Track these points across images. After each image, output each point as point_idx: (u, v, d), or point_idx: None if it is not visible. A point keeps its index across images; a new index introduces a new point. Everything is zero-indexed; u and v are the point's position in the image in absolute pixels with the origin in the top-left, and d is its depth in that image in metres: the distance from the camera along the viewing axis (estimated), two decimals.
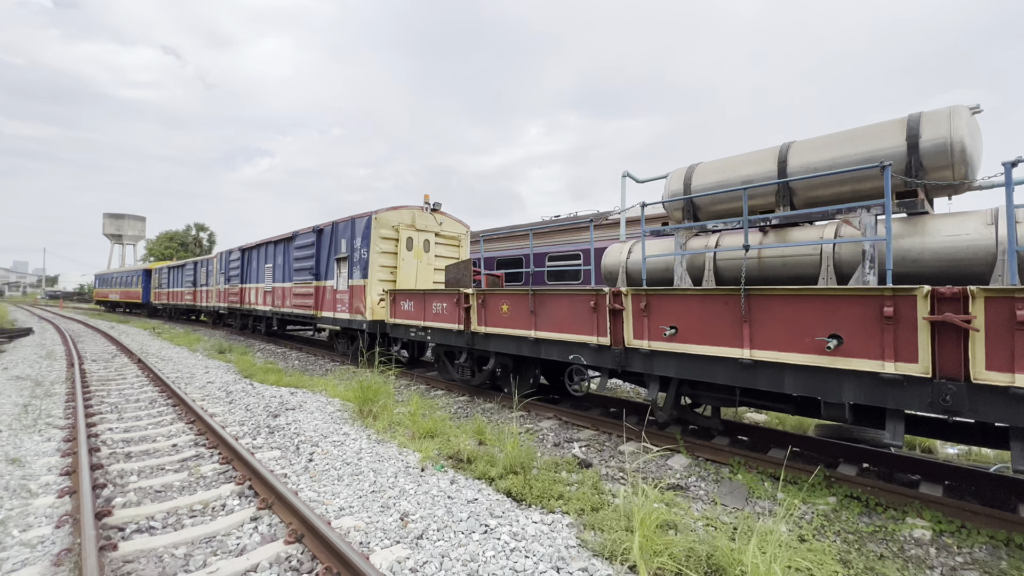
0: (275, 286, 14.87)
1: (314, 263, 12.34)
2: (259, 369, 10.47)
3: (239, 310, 18.24)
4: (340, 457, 5.07)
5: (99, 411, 6.96)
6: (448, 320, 7.97)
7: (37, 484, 4.32)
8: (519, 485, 4.54)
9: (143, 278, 32.79)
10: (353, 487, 4.35)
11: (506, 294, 6.87)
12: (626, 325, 5.34)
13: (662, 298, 5.00)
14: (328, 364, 11.95)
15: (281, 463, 5.02)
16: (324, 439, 5.62)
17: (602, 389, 5.90)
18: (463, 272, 8.86)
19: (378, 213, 10.28)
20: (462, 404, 7.91)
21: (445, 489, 4.35)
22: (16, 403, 7.12)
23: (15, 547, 3.28)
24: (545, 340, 6.32)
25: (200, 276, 23.33)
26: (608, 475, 5.09)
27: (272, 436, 5.84)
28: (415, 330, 8.80)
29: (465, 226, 12.07)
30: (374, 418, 6.59)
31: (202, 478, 4.63)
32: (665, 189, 6.27)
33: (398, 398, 8.04)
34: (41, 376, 9.62)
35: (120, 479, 4.53)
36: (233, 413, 6.97)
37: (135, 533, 3.57)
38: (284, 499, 3.87)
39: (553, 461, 5.23)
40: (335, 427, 6.11)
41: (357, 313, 10.48)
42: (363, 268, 10.30)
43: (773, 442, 5.91)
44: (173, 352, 13.55)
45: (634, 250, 6.51)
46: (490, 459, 5.14)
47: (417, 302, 8.74)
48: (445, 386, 9.01)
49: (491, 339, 7.18)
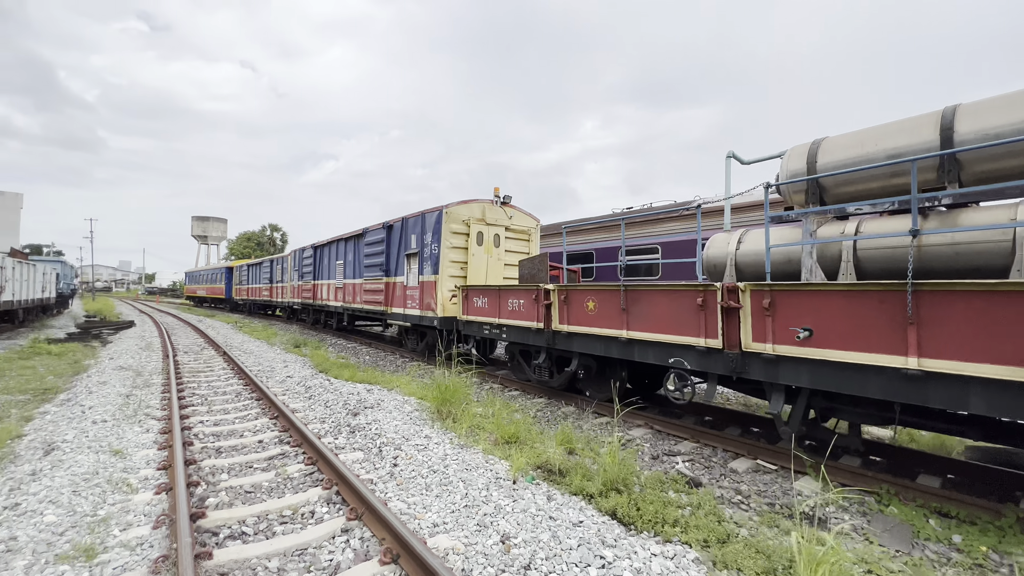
0: (346, 282, 15.17)
1: (384, 259, 12.37)
2: (333, 364, 10.60)
3: (311, 306, 18.90)
4: (425, 463, 4.77)
5: (191, 403, 7.16)
6: (526, 318, 7.54)
7: (136, 478, 4.33)
8: (624, 506, 4.01)
9: (225, 275, 35.23)
10: (444, 499, 4.00)
11: (593, 290, 6.32)
12: (743, 326, 4.64)
13: (792, 295, 4.26)
14: (399, 360, 11.95)
15: (365, 466, 4.79)
16: (406, 442, 5.36)
17: (710, 398, 5.22)
18: (538, 267, 8.40)
19: (448, 207, 10.04)
20: (540, 407, 7.47)
21: (543, 507, 3.90)
22: (119, 393, 7.50)
23: (116, 549, 3.18)
24: (639, 341, 5.71)
25: (276, 273, 24.56)
26: (724, 498, 4.43)
27: (353, 436, 5.67)
28: (489, 327, 8.46)
29: (535, 219, 11.61)
30: (453, 420, 6.28)
31: (289, 479, 4.47)
32: (782, 169, 5.45)
33: (473, 398, 7.73)
34: (140, 366, 10.24)
35: (212, 477, 4.47)
36: (313, 410, 6.93)
37: (228, 539, 3.40)
38: (375, 510, 3.58)
39: (656, 478, 4.64)
40: (415, 429, 5.85)
41: (428, 309, 10.32)
42: (434, 264, 10.12)
43: (917, 465, 4.97)
44: (254, 346, 14.16)
45: (745, 240, 5.74)
46: (584, 472, 4.64)
47: (491, 298, 8.39)
48: (519, 386, 8.60)
49: (574, 339, 6.67)
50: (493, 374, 9.60)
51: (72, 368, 10.28)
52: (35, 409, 6.91)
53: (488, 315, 8.45)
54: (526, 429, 5.91)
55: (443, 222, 9.96)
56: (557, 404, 7.54)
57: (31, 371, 9.83)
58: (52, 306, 24.18)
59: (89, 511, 3.67)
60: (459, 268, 10.26)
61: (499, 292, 8.19)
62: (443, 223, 9.96)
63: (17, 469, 4.49)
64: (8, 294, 15.20)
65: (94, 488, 4.04)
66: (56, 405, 7.02)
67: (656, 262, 10.38)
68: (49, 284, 22.23)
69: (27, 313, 19.52)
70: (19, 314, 18.29)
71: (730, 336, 4.75)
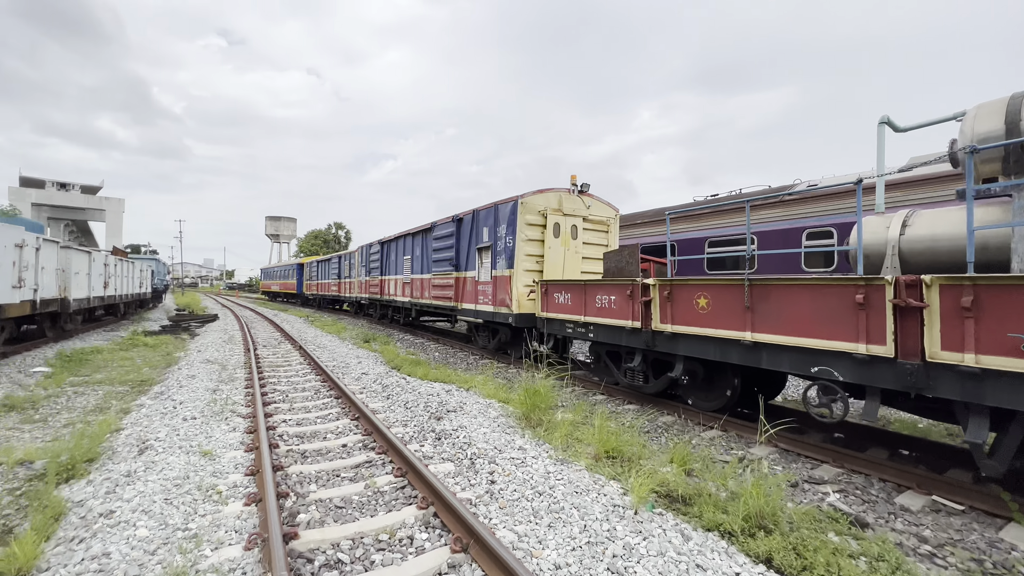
0: (413, 277, 15.06)
1: (453, 254, 12.03)
2: (404, 360, 10.38)
3: (379, 301, 19.09)
4: (526, 481, 4.21)
5: (273, 399, 7.07)
6: (618, 316, 6.81)
7: (226, 484, 4.09)
8: (781, 550, 3.23)
9: (297, 271, 36.96)
10: (559, 531, 3.41)
11: (706, 285, 5.49)
12: (928, 330, 3.67)
13: (1011, 291, 3.26)
14: (470, 358, 11.57)
15: (459, 481, 4.30)
16: (499, 454, 4.83)
17: (871, 418, 4.26)
18: (627, 260, 7.61)
19: (524, 197, 9.46)
20: (632, 414, 6.72)
21: (682, 549, 3.20)
22: (207, 388, 7.57)
23: (207, 575, 2.85)
24: (769, 345, 4.83)
25: (344, 269, 25.22)
26: (906, 546, 3.52)
27: (440, 444, 5.23)
28: (572, 326, 7.79)
29: (614, 209, 10.78)
30: (544, 428, 5.70)
31: (379, 493, 4.06)
32: (963, 133, 4.35)
33: (558, 402, 7.11)
34: (225, 360, 10.52)
35: (300, 487, 4.15)
36: (394, 411, 6.61)
37: (324, 568, 2.99)
38: (483, 542, 3.04)
39: (807, 513, 3.79)
40: (506, 438, 5.31)
41: (502, 306, 9.82)
42: (508, 257, 9.58)
43: None
44: (326, 340, 14.38)
45: (913, 222, 4.68)
46: (714, 501, 3.89)
47: (576, 294, 7.72)
48: (605, 390, 7.88)
49: (679, 340, 5.87)
50: (572, 375, 8.94)
51: (165, 360, 10.74)
52: (132, 401, 7.09)
53: (572, 312, 7.79)
54: (628, 442, 5.21)
55: (518, 213, 9.39)
56: (653, 412, 6.76)
57: (129, 362, 10.35)
58: (148, 300, 26.24)
59: (180, 523, 3.40)
60: (534, 262, 9.66)
61: (585, 288, 7.50)
62: (518, 214, 9.39)
63: (115, 468, 4.40)
64: (111, 289, 16.42)
65: (185, 496, 3.81)
66: (151, 398, 7.17)
67: (742, 254, 9.26)
68: (145, 280, 24.07)
69: (127, 307, 21.18)
70: (120, 308, 19.85)
71: (905, 342, 3.80)
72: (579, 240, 10.10)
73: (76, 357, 10.36)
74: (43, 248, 10.18)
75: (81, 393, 7.60)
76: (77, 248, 13.05)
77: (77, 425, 5.98)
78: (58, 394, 7.48)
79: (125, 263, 19.35)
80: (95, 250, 15.70)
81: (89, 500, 3.78)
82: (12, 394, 7.27)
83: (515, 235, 9.42)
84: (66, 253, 12.02)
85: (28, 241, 8.93)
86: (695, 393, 6.43)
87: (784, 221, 9.94)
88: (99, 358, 10.63)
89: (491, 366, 10.11)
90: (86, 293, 13.64)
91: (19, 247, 8.52)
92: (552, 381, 6.24)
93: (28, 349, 11.07)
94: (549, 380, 6.15)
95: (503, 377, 9.22)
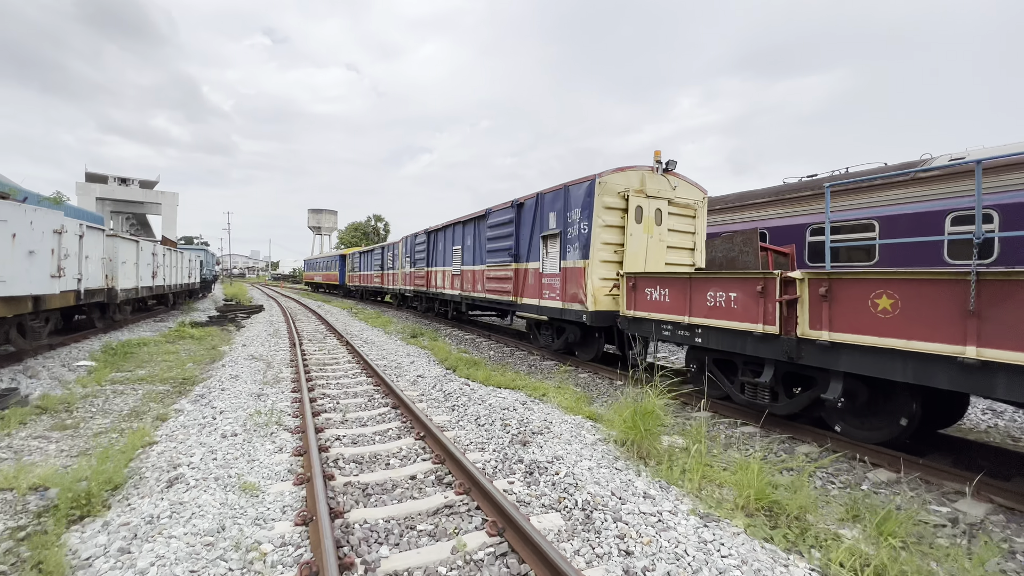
0: (464, 269, 14.02)
1: (513, 243, 10.86)
2: (459, 360, 9.35)
3: (425, 293, 18.24)
4: (677, 556, 2.99)
5: (323, 408, 6.15)
6: (740, 318, 5.45)
7: (271, 540, 3.08)
8: None
9: (339, 262, 36.88)
10: None
11: (892, 280, 4.08)
12: None
13: None
14: (530, 358, 10.41)
15: (576, 545, 3.14)
16: (621, 504, 3.62)
17: None
18: (742, 248, 6.22)
19: (603, 176, 8.15)
20: (758, 441, 5.36)
21: None
22: (250, 392, 6.74)
23: None
24: (1011, 367, 3.40)
25: (387, 260, 24.59)
26: None
27: (534, 481, 4.08)
28: (671, 327, 6.47)
29: (702, 190, 9.29)
30: (660, 463, 4.45)
31: (475, 564, 2.96)
32: None
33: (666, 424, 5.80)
34: (270, 356, 9.79)
35: (367, 548, 3.08)
36: (463, 427, 5.53)
37: None
38: None
39: None
40: (620, 477, 4.10)
41: (573, 301, 8.58)
42: (583, 246, 8.32)
43: None
44: (372, 334, 13.58)
45: None
46: None
47: (676, 290, 6.38)
48: (712, 406, 6.50)
49: (842, 352, 4.47)
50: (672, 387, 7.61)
51: (209, 355, 10.14)
52: (171, 405, 6.33)
53: (670, 312, 6.47)
54: (784, 489, 3.91)
55: (595, 195, 8.09)
56: (784, 439, 5.39)
57: (174, 356, 9.80)
58: (197, 290, 26.51)
59: None
60: (612, 252, 8.36)
61: (690, 282, 6.15)
62: (595, 196, 8.09)
63: (137, 505, 3.50)
64: (160, 279, 16.23)
65: (217, 563, 2.81)
66: (190, 402, 6.40)
67: (873, 243, 7.62)
68: (194, 270, 24.21)
69: (176, 297, 21.25)
70: (170, 298, 19.86)
71: None
72: (663, 227, 8.70)
73: (121, 350, 9.89)
74: (87, 236, 9.70)
75: (120, 393, 6.94)
76: (124, 236, 12.70)
77: (110, 435, 5.22)
78: (96, 393, 6.84)
79: (174, 253, 19.28)
80: (143, 239, 15.49)
81: (98, 560, 2.85)
82: (49, 393, 6.67)
83: (591, 220, 8.13)
84: (112, 242, 11.63)
85: (68, 227, 8.38)
86: (850, 419, 5.02)
87: (917, 203, 8.22)
88: (144, 351, 10.13)
89: (559, 370, 8.92)
90: (134, 283, 13.33)
91: (58, 233, 7.95)
92: (665, 400, 4.96)
93: (76, 340, 10.73)
94: (662, 399, 4.88)
95: (575, 383, 8.02)
